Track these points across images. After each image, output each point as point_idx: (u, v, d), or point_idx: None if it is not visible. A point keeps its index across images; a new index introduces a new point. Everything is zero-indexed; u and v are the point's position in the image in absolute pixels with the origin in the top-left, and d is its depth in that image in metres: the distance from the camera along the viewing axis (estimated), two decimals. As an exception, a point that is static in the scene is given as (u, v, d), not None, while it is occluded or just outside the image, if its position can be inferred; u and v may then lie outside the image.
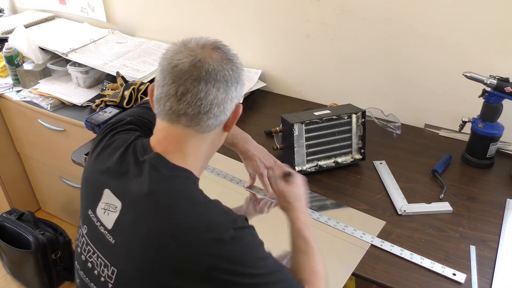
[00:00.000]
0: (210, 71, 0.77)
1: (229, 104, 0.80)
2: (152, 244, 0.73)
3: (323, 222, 1.11)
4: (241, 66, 0.84)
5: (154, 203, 0.75)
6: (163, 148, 0.80)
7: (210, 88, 0.76)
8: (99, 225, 0.80)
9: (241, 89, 0.84)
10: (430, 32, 1.37)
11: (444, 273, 0.96)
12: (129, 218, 0.76)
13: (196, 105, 0.76)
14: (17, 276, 1.97)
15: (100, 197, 0.81)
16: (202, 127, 0.79)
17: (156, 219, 0.74)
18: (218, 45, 0.84)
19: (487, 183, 1.25)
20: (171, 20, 1.90)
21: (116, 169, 0.82)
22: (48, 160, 1.96)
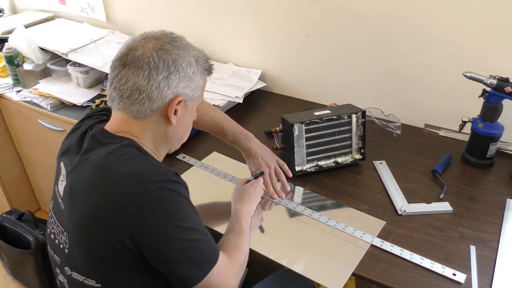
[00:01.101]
0: (135, 58, 0.81)
1: (156, 93, 0.81)
2: (86, 201, 0.79)
3: (323, 222, 1.11)
4: (182, 57, 0.83)
5: (86, 165, 0.82)
6: (110, 127, 0.87)
7: (130, 73, 0.81)
8: (58, 196, 0.88)
9: (181, 82, 0.83)
10: (430, 32, 1.37)
11: (444, 273, 0.96)
12: (69, 183, 0.84)
13: (120, 89, 0.82)
14: (17, 276, 1.97)
15: (61, 171, 0.89)
16: (131, 112, 0.83)
17: (89, 178, 0.80)
18: (162, 35, 0.85)
19: (487, 183, 1.25)
20: (171, 20, 1.90)
21: (74, 147, 0.89)
22: (48, 160, 1.96)
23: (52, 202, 0.91)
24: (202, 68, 0.89)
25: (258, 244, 1.04)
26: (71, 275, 0.85)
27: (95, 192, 0.79)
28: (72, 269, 0.84)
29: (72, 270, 0.84)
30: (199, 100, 0.92)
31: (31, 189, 2.23)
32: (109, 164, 0.80)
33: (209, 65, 0.92)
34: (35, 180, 2.16)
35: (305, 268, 0.98)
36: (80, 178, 0.82)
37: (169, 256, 0.78)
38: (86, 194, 0.80)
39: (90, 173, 0.81)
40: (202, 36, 1.85)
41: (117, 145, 0.82)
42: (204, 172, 1.30)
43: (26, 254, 1.78)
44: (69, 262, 0.85)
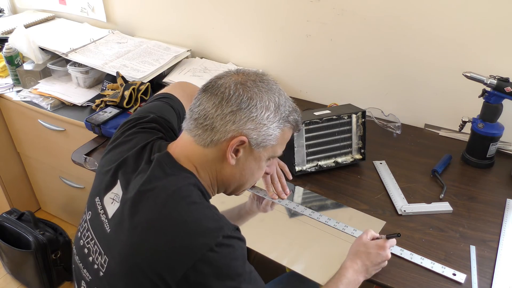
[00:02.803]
0: (216, 85, 0.81)
1: (220, 124, 0.78)
2: (139, 236, 0.74)
3: (323, 222, 1.11)
4: (259, 98, 0.79)
5: (149, 197, 0.77)
6: (174, 148, 0.84)
7: (204, 98, 0.80)
8: (102, 213, 0.82)
9: (249, 122, 0.78)
10: (430, 32, 1.37)
11: (444, 273, 0.96)
12: (125, 210, 0.78)
13: (192, 111, 0.82)
14: (17, 276, 1.97)
15: (113, 187, 0.83)
16: (193, 135, 0.81)
17: (147, 212, 0.76)
18: (253, 73, 0.83)
19: (487, 183, 1.25)
20: (171, 20, 1.91)
21: (130, 163, 0.85)
22: (48, 160, 1.96)
23: (90, 213, 0.85)
24: (282, 117, 0.82)
25: (258, 244, 1.04)
26: None
27: (154, 231, 0.74)
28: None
29: None
30: (270, 151, 0.84)
31: (31, 189, 2.22)
32: (175, 205, 0.76)
33: (293, 119, 0.84)
34: (35, 180, 2.16)
35: (305, 268, 0.99)
36: (141, 212, 0.76)
37: None
38: (142, 230, 0.75)
39: (154, 209, 0.76)
40: (202, 36, 1.85)
41: (182, 183, 0.79)
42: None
43: (26, 254, 1.78)
44: (101, 284, 0.80)
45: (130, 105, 1.55)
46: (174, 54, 1.81)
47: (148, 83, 1.62)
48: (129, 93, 1.53)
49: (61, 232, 1.88)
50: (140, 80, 1.63)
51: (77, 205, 2.06)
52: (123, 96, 1.53)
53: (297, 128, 0.87)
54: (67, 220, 2.22)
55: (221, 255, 0.72)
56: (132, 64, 1.75)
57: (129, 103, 1.54)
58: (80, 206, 2.05)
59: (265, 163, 0.87)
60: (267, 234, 1.10)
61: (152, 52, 1.84)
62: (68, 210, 2.17)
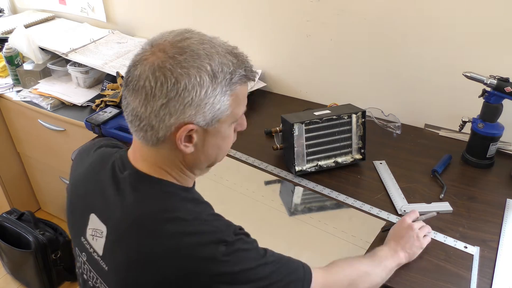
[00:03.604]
0: (134, 77, 0.69)
1: (156, 121, 0.68)
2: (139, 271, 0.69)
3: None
4: (188, 76, 0.66)
5: (135, 228, 0.70)
6: (133, 157, 0.76)
7: (129, 96, 0.70)
8: (92, 251, 0.77)
9: (187, 108, 0.67)
10: (430, 32, 1.37)
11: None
12: (114, 245, 0.73)
13: (126, 111, 0.72)
14: (17, 276, 1.97)
15: (87, 222, 0.77)
16: (140, 138, 0.72)
17: (139, 243, 0.69)
18: (172, 42, 0.69)
19: (487, 183, 1.25)
20: (171, 20, 1.90)
21: (98, 189, 0.77)
22: (48, 160, 1.96)
23: (85, 255, 0.80)
24: (223, 84, 0.69)
25: None
26: None
27: (151, 265, 0.68)
28: None
29: None
30: (229, 119, 0.73)
31: (31, 189, 2.23)
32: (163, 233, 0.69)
33: (240, 75, 0.71)
34: (35, 180, 2.16)
35: None
36: (131, 246, 0.70)
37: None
38: (138, 265, 0.69)
39: (144, 242, 0.69)
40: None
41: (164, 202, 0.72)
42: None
43: (26, 254, 1.78)
44: None
45: (130, 105, 1.54)
46: (174, 54, 1.80)
47: (148, 83, 1.61)
48: (129, 93, 1.53)
49: (61, 232, 1.88)
50: (140, 80, 1.62)
51: (77, 205, 2.06)
52: (123, 96, 1.53)
53: (251, 78, 0.74)
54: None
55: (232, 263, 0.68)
56: (132, 64, 1.74)
57: (129, 103, 1.54)
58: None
59: (229, 130, 0.76)
60: (266, 234, 1.09)
61: (152, 52, 1.84)
62: (68, 210, 2.17)
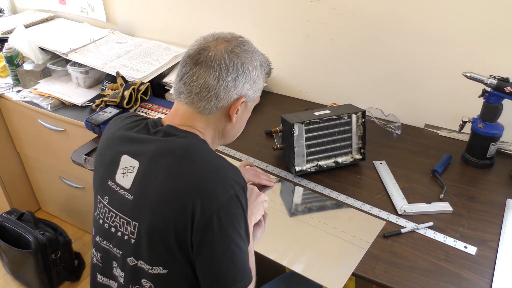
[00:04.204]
0: (208, 58, 0.85)
1: (223, 92, 0.86)
2: (170, 192, 0.80)
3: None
4: (249, 61, 0.88)
5: (168, 155, 0.83)
6: (171, 121, 0.90)
7: (202, 72, 0.85)
8: (119, 189, 0.87)
9: (246, 84, 0.88)
10: (430, 32, 1.37)
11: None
12: (146, 174, 0.84)
13: (190, 85, 0.86)
14: (17, 276, 1.97)
15: (118, 165, 0.88)
16: (197, 108, 0.87)
17: (172, 165, 0.81)
18: (232, 38, 0.90)
19: (487, 183, 1.25)
20: (171, 20, 1.91)
21: (130, 138, 0.89)
22: (48, 160, 1.96)
23: (107, 198, 0.89)
24: (264, 72, 0.94)
25: (257, 245, 1.04)
26: (137, 264, 0.85)
27: (180, 174, 0.81)
28: (138, 258, 0.85)
29: (138, 259, 0.85)
30: (257, 100, 0.96)
31: (31, 189, 2.23)
32: (191, 152, 0.83)
33: (269, 69, 0.97)
34: (35, 180, 2.16)
35: (305, 268, 0.98)
36: (160, 167, 0.83)
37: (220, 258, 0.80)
38: (172, 174, 0.81)
39: (172, 160, 0.82)
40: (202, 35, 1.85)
41: (194, 141, 0.86)
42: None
43: (26, 254, 1.78)
44: (135, 252, 0.85)
45: (130, 105, 1.55)
46: (174, 54, 1.81)
47: (148, 83, 1.62)
48: (129, 93, 1.53)
49: (61, 232, 1.88)
50: (140, 80, 1.63)
51: (77, 205, 2.06)
52: (123, 96, 1.53)
53: (270, 75, 0.99)
54: (67, 220, 2.22)
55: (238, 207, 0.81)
56: (132, 64, 1.75)
57: (129, 103, 1.54)
58: (80, 206, 2.05)
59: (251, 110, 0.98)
60: (266, 234, 1.09)
61: (152, 52, 1.84)
62: (68, 210, 2.17)
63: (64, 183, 1.95)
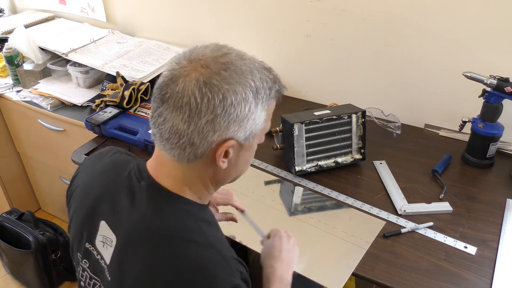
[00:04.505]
0: (174, 94, 0.65)
1: (198, 138, 0.66)
2: (142, 284, 0.67)
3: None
4: (234, 93, 0.65)
5: (145, 243, 0.68)
6: (155, 170, 0.73)
7: (168, 113, 0.66)
8: (100, 258, 0.75)
9: (231, 125, 0.66)
10: (430, 32, 1.37)
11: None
12: (122, 256, 0.71)
13: (159, 128, 0.67)
14: (17, 276, 1.97)
15: (97, 228, 0.75)
16: (172, 156, 0.69)
17: (149, 259, 0.67)
18: (213, 60, 0.66)
19: (487, 183, 1.25)
20: (171, 20, 1.91)
21: (111, 196, 0.75)
22: (48, 160, 1.96)
23: (87, 262, 0.78)
24: (265, 99, 0.69)
25: (258, 245, 1.03)
26: None
27: (156, 272, 0.67)
28: None
29: None
30: (262, 133, 0.74)
31: (31, 189, 2.22)
32: (173, 241, 0.68)
33: (276, 91, 0.72)
34: (35, 180, 2.16)
35: (305, 268, 0.98)
36: (135, 258, 0.69)
37: None
38: (142, 274, 0.68)
39: (150, 250, 0.68)
40: (202, 35, 1.85)
41: (178, 220, 0.70)
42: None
43: (26, 254, 1.78)
44: None
45: (130, 105, 1.55)
46: (174, 54, 1.80)
47: (148, 83, 1.62)
48: (129, 93, 1.53)
49: (61, 232, 1.88)
50: (140, 80, 1.63)
51: (77, 205, 2.06)
52: (123, 96, 1.53)
53: (282, 93, 0.75)
54: (67, 220, 2.21)
55: None
56: (132, 64, 1.75)
57: (129, 103, 1.54)
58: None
59: (256, 145, 0.76)
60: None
61: (152, 52, 1.84)
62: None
63: (64, 183, 1.95)
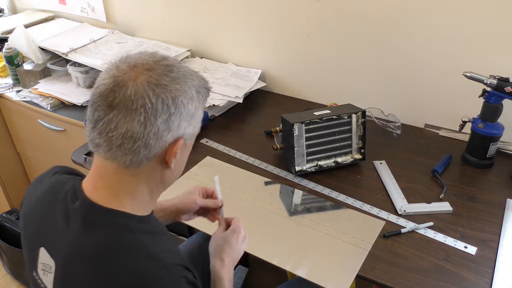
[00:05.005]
0: (126, 98, 0.65)
1: (154, 139, 0.67)
2: None
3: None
4: (183, 92, 0.68)
5: (86, 263, 0.67)
6: (92, 186, 0.72)
7: (120, 118, 0.65)
8: (44, 287, 0.74)
9: (182, 122, 0.69)
10: (430, 32, 1.37)
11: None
12: (62, 281, 0.70)
13: (108, 135, 0.66)
14: (17, 276, 1.97)
15: (37, 257, 0.74)
16: (122, 163, 0.68)
17: (88, 280, 0.67)
18: (154, 63, 0.68)
19: (487, 183, 1.25)
20: (171, 20, 1.91)
21: (48, 221, 0.74)
22: (48, 160, 1.96)
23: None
24: (203, 98, 0.74)
25: (259, 249, 1.03)
26: None
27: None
28: None
29: None
30: (197, 132, 0.76)
31: (31, 189, 2.22)
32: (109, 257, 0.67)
33: (207, 91, 0.76)
34: (35, 180, 2.16)
35: (308, 272, 0.97)
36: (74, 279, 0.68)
37: None
38: None
39: (87, 270, 0.67)
40: (202, 35, 1.85)
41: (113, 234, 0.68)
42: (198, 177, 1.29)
43: (26, 254, 1.78)
44: None
45: (130, 105, 1.54)
46: (174, 54, 1.81)
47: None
48: (129, 93, 1.53)
49: (61, 232, 1.88)
50: (140, 80, 1.63)
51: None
52: (123, 96, 1.53)
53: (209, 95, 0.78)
54: (67, 220, 2.22)
55: None
56: (132, 64, 1.74)
57: (129, 103, 1.54)
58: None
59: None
60: (268, 238, 1.08)
61: (152, 52, 1.84)
62: (68, 210, 2.16)
63: (64, 183, 1.95)
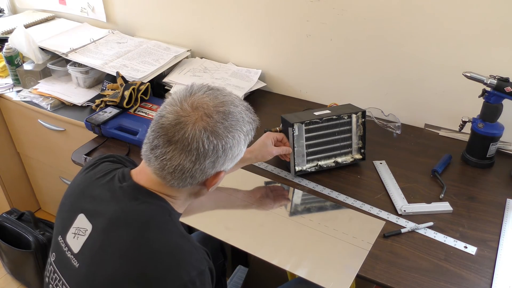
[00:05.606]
0: (184, 138, 0.75)
1: (199, 174, 0.78)
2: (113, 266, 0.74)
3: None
4: (232, 139, 0.78)
5: (122, 227, 0.77)
6: (138, 178, 0.82)
7: (177, 154, 0.76)
8: (67, 250, 0.81)
9: (226, 162, 0.80)
10: (430, 32, 1.37)
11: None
12: (96, 242, 0.77)
13: (162, 162, 0.77)
14: (17, 276, 1.97)
15: (73, 222, 0.82)
16: (168, 183, 0.79)
17: (121, 242, 0.75)
18: (214, 108, 0.77)
19: (487, 183, 1.25)
20: (171, 20, 1.91)
21: (93, 193, 0.83)
22: (48, 160, 1.96)
23: (54, 255, 0.84)
24: (249, 139, 0.84)
25: (260, 250, 1.03)
26: None
27: (128, 260, 0.74)
28: None
29: None
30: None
31: (31, 189, 2.22)
32: (148, 228, 0.77)
33: (254, 129, 0.86)
34: (35, 180, 2.16)
35: (309, 272, 0.97)
36: (114, 242, 0.76)
37: None
38: (115, 260, 0.75)
39: (126, 235, 0.76)
40: (202, 35, 1.85)
41: (155, 212, 0.80)
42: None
43: (26, 254, 1.78)
44: None
45: (130, 105, 1.55)
46: (174, 54, 1.81)
47: (148, 83, 1.62)
48: (129, 93, 1.53)
49: (61, 232, 1.88)
50: (140, 80, 1.63)
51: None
52: (123, 96, 1.53)
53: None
54: (67, 220, 2.22)
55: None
56: (132, 64, 1.75)
57: (129, 103, 1.54)
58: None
59: None
60: (267, 239, 1.08)
61: (152, 52, 1.84)
62: (68, 210, 2.16)
63: (64, 183, 1.95)
